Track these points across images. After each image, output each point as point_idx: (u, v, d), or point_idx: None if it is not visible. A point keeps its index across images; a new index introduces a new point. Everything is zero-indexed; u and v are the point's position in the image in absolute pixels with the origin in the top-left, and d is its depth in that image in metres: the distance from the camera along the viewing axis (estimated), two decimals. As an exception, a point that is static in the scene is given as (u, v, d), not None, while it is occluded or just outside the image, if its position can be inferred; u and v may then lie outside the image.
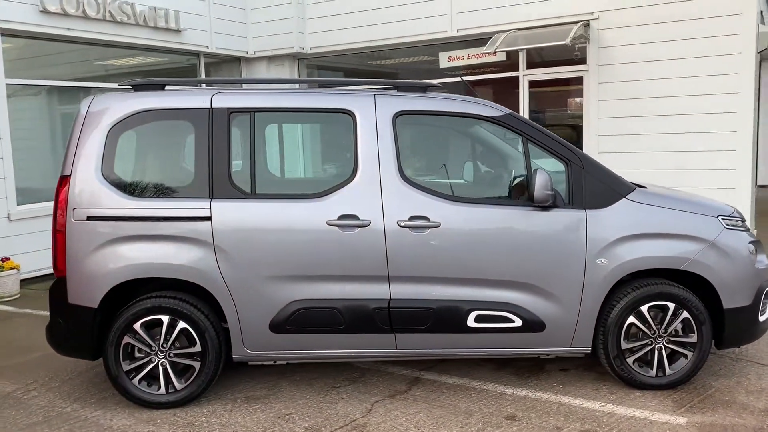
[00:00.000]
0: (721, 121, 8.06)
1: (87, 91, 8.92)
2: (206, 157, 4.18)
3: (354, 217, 4.15)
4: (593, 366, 4.80)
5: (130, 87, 4.40)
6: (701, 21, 8.09)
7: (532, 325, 4.23)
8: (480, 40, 9.53)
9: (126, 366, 4.20)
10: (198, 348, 4.21)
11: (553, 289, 4.23)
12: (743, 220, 4.59)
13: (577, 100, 9.06)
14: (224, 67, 11.30)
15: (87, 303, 4.16)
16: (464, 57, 9.82)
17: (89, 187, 4.15)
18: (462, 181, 5.08)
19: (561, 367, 4.84)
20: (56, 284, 4.22)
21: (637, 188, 4.39)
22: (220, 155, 4.18)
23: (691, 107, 8.22)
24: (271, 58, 11.20)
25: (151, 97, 4.27)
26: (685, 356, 4.35)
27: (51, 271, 6.25)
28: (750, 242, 4.43)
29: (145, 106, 4.23)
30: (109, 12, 8.81)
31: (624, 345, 4.32)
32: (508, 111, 4.37)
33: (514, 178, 4.49)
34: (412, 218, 4.17)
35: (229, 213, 4.14)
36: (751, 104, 7.99)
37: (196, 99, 4.26)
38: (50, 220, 4.29)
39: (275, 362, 4.41)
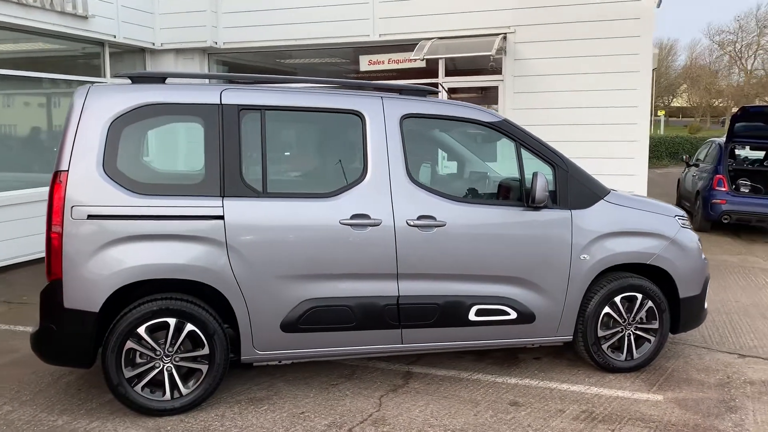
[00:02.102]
0: (624, 131, 8.95)
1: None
2: (217, 155, 4.08)
3: (366, 216, 4.24)
4: (561, 353, 5.23)
5: (127, 78, 4.18)
6: (605, 40, 8.93)
7: (525, 316, 4.56)
8: (402, 46, 9.83)
9: (128, 373, 3.98)
10: (206, 350, 4.09)
11: (542, 283, 4.58)
12: (689, 219, 5.23)
13: (494, 106, 9.61)
14: (126, 59, 10.69)
15: (87, 307, 3.90)
16: (385, 61, 10.07)
17: (90, 184, 3.90)
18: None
19: (533, 356, 5.22)
20: (49, 288, 3.91)
21: (612, 191, 4.86)
22: (231, 153, 4.09)
23: (597, 118, 9.03)
24: (179, 51, 10.78)
25: (155, 90, 4.09)
26: (649, 341, 4.88)
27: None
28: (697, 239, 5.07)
29: (149, 99, 4.04)
30: (14, -8, 8.07)
31: (600, 333, 4.77)
32: (504, 117, 4.67)
33: (505, 180, 4.79)
34: (420, 218, 4.33)
35: (242, 212, 4.07)
36: (648, 117, 8.97)
37: (205, 94, 4.14)
38: None
39: (280, 362, 4.38)
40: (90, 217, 3.88)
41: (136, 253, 3.93)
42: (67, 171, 3.88)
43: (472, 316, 4.47)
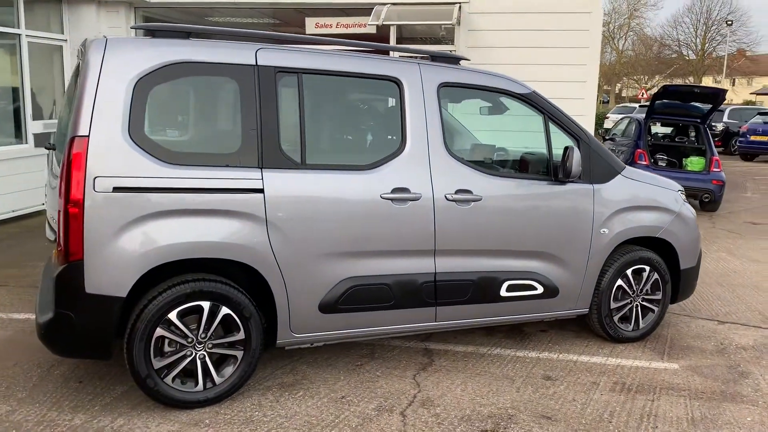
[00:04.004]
0: (572, 106, 9.12)
1: None
2: (254, 122, 3.70)
3: (406, 190, 4.04)
4: (564, 325, 5.31)
5: (148, 32, 3.67)
6: (557, 15, 9.08)
7: (550, 291, 4.56)
8: (350, 10, 9.48)
9: (158, 363, 3.58)
10: (241, 335, 3.75)
11: (566, 257, 4.59)
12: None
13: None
14: (38, 10, 9.57)
15: (112, 292, 3.44)
16: (333, 25, 9.68)
17: (115, 152, 3.41)
18: None
19: (539, 329, 5.26)
20: (67, 271, 3.40)
21: (626, 167, 4.93)
22: (269, 120, 3.73)
23: (548, 92, 9.13)
24: (101, 3, 9.81)
25: (183, 46, 3.62)
26: (653, 311, 5.05)
27: None
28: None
29: (178, 57, 3.57)
30: None
31: (613, 305, 4.87)
32: (533, 89, 4.59)
33: (528, 154, 4.73)
34: (458, 192, 4.18)
35: (282, 184, 3.73)
36: (595, 92, 9.25)
37: (240, 53, 3.72)
38: None
39: (312, 345, 4.11)
40: (116, 189, 3.40)
41: (168, 230, 3.51)
42: (88, 137, 3.37)
43: (503, 292, 4.40)
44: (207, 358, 3.70)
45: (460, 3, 9.17)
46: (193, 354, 3.66)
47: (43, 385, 3.95)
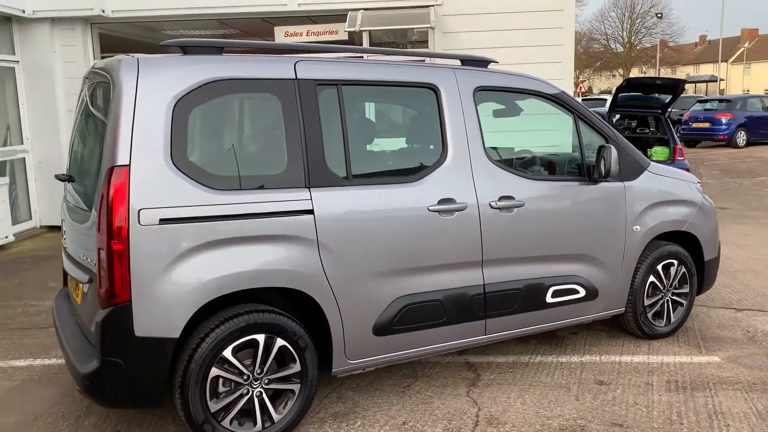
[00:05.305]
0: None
1: None
2: (299, 139, 3.46)
3: (452, 200, 3.88)
4: (592, 326, 5.25)
5: (179, 48, 3.39)
6: (530, 14, 9.09)
7: (591, 293, 4.48)
8: (317, 17, 9.27)
9: (214, 406, 3.30)
10: (297, 367, 3.51)
11: (603, 257, 4.52)
12: (700, 185, 5.46)
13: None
14: (-14, 29, 8.99)
15: (165, 333, 3.15)
16: (303, 33, 9.42)
17: (159, 181, 3.13)
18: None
19: (571, 332, 5.18)
20: (113, 315, 3.09)
21: (651, 163, 4.90)
22: (313, 136, 3.50)
23: (525, 91, 9.18)
24: (56, 21, 9.26)
25: (219, 63, 3.36)
26: (681, 305, 5.05)
27: None
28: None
29: (216, 74, 3.31)
30: None
31: (646, 302, 4.84)
32: (561, 89, 4.51)
33: (555, 154, 4.65)
34: (501, 198, 4.05)
35: (330, 203, 3.52)
36: (571, 88, 9.31)
37: (278, 67, 3.48)
38: None
39: (364, 370, 3.90)
40: (162, 221, 3.12)
41: (221, 260, 3.24)
42: (129, 166, 3.07)
43: (548, 298, 4.30)
44: (264, 395, 3.44)
45: (432, 5, 9.07)
46: (250, 392, 3.39)
47: (77, 438, 3.61)
